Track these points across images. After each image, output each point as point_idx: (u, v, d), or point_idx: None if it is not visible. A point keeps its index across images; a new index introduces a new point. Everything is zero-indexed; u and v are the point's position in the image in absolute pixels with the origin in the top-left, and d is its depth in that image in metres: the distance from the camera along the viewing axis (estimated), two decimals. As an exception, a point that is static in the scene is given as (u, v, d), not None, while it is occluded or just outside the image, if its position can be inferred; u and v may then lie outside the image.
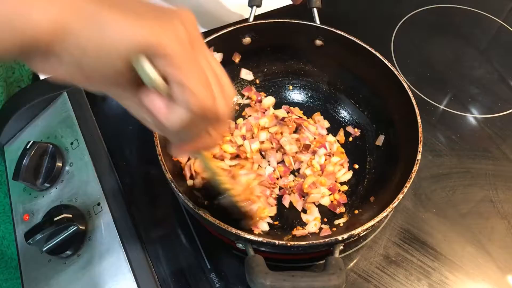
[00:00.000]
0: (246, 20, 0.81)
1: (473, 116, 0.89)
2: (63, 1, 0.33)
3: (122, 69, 0.36)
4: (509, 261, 0.72)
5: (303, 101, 0.87)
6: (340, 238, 0.58)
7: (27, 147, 0.74)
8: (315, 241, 0.58)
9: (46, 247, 0.68)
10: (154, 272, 0.68)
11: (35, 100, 0.84)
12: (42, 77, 0.90)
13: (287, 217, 0.73)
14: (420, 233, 0.74)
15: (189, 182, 0.73)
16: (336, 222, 0.71)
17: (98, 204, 0.72)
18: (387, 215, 0.61)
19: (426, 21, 1.05)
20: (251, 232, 0.62)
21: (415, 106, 0.70)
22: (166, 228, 0.73)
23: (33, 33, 0.33)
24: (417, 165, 0.64)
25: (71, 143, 0.79)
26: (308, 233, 0.69)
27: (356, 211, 0.72)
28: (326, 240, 0.58)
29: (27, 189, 0.78)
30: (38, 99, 0.84)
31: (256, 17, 0.82)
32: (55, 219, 0.68)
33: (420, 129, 0.68)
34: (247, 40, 0.81)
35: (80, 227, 0.70)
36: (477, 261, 0.72)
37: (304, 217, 0.72)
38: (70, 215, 0.69)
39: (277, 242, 0.57)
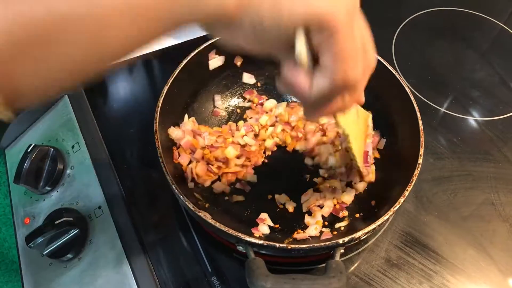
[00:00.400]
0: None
1: (474, 119, 0.89)
2: None
3: (289, 38, 0.40)
4: (510, 264, 0.72)
5: (304, 104, 0.87)
6: (340, 241, 0.58)
7: (28, 150, 0.74)
8: (315, 244, 0.58)
9: (47, 251, 0.68)
10: (155, 275, 0.68)
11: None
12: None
13: (287, 220, 0.73)
14: (422, 236, 0.74)
15: (190, 184, 0.73)
16: (337, 225, 0.71)
17: (99, 207, 0.72)
18: (388, 218, 0.61)
19: (427, 24, 1.05)
20: (251, 234, 0.62)
21: (417, 109, 0.70)
22: (167, 231, 0.73)
23: (220, 8, 0.37)
24: (419, 169, 0.64)
25: (72, 146, 0.79)
26: (308, 236, 0.69)
27: (357, 215, 0.72)
28: (327, 243, 0.58)
29: (28, 192, 0.78)
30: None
31: None
32: (56, 222, 0.68)
33: (421, 132, 0.68)
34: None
35: (81, 230, 0.70)
36: (478, 264, 0.71)
37: (306, 219, 0.72)
38: (71, 219, 0.70)
39: (277, 245, 0.57)
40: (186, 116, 0.78)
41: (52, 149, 0.77)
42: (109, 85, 0.91)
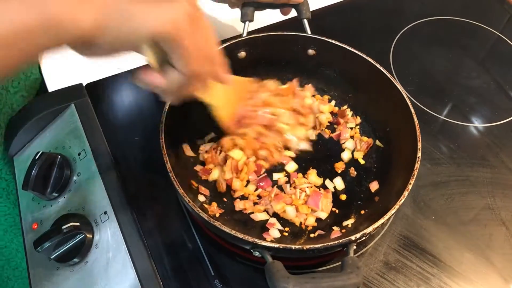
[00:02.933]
0: (240, 35, 0.84)
1: (471, 125, 0.91)
2: (98, 4, 0.45)
3: (141, 46, 0.49)
4: (507, 266, 0.73)
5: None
6: (353, 238, 0.60)
7: (36, 157, 0.76)
8: (330, 243, 0.60)
9: (54, 255, 0.70)
10: (160, 278, 0.69)
11: (43, 112, 0.86)
12: (50, 89, 0.92)
13: (294, 224, 0.75)
14: (420, 240, 0.75)
15: (201, 197, 0.74)
16: (345, 223, 0.73)
17: (105, 212, 0.74)
18: (394, 212, 0.63)
19: (425, 32, 1.07)
20: (264, 239, 0.64)
21: (414, 115, 0.73)
22: (170, 235, 0.75)
23: (79, 32, 0.44)
24: (419, 162, 0.67)
25: (79, 154, 0.81)
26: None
27: (362, 211, 0.74)
28: (341, 241, 0.60)
29: (36, 198, 0.80)
30: (46, 111, 0.86)
31: (249, 33, 0.84)
32: (63, 227, 0.69)
33: (418, 131, 0.71)
34: (242, 54, 0.84)
35: (87, 235, 0.72)
36: (475, 267, 0.73)
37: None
38: (78, 224, 0.71)
39: (293, 246, 0.60)
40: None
41: (59, 156, 0.78)
42: (114, 93, 0.93)
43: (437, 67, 1.01)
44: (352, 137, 0.84)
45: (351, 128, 0.85)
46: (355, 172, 0.80)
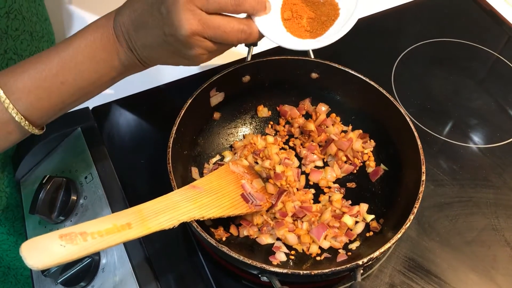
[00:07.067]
0: (244, 59, 0.86)
1: (473, 146, 0.92)
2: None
3: None
4: (512, 288, 0.74)
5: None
6: (360, 262, 0.61)
7: (43, 181, 0.77)
8: (337, 268, 0.61)
9: (61, 279, 0.71)
10: (166, 302, 0.70)
11: (50, 135, 0.87)
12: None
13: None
14: (424, 262, 0.76)
15: (207, 221, 0.74)
16: (350, 246, 0.73)
17: (111, 236, 0.74)
18: (401, 236, 0.63)
19: (425, 54, 1.09)
20: (270, 263, 0.64)
21: (417, 137, 0.73)
22: (177, 259, 0.76)
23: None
24: (423, 186, 0.68)
25: (85, 177, 0.81)
26: (324, 256, 0.71)
27: (368, 234, 0.74)
28: (348, 265, 0.61)
29: (42, 221, 0.80)
30: (53, 135, 0.87)
31: (253, 56, 0.86)
32: (70, 251, 0.70)
33: (422, 157, 0.71)
34: (246, 78, 0.85)
35: (94, 259, 0.72)
36: (481, 289, 0.73)
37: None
38: (84, 248, 0.71)
39: (301, 272, 0.60)
40: None
41: (66, 180, 0.79)
42: (120, 117, 0.94)
43: (438, 88, 1.02)
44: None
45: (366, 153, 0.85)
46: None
